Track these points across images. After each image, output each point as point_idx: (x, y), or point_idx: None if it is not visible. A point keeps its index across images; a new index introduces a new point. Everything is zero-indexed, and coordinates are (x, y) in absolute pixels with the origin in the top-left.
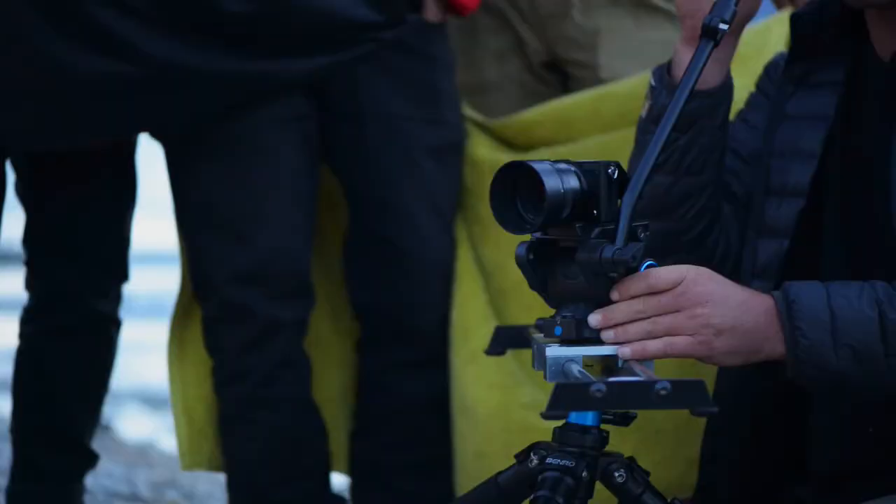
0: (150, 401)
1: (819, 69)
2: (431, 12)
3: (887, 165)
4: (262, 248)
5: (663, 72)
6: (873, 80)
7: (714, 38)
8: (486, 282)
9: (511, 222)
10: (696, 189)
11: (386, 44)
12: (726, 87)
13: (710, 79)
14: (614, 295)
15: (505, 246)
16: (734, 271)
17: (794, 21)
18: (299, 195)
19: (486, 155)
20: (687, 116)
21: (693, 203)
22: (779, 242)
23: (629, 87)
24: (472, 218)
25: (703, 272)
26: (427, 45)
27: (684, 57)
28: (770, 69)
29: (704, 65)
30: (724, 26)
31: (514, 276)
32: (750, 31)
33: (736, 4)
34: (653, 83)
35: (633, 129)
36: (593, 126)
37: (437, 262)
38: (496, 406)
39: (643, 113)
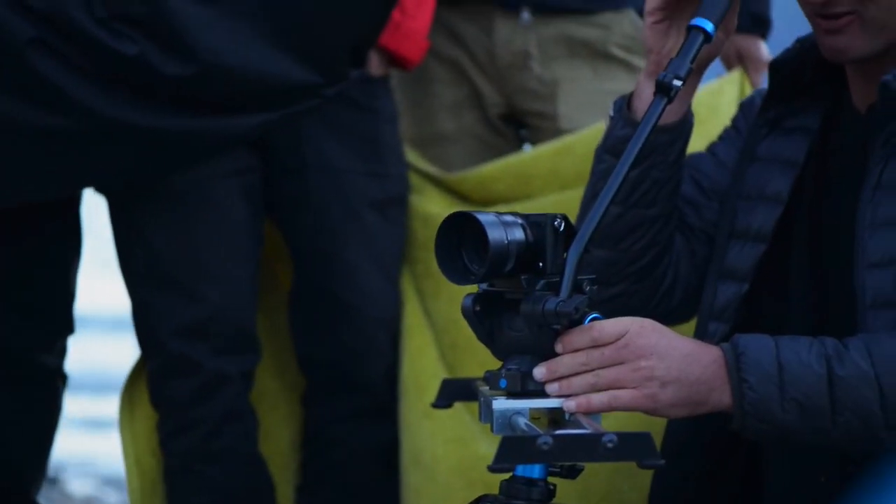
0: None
1: (794, 114)
2: (375, 66)
3: (854, 217)
4: (207, 302)
5: (623, 103)
6: (847, 130)
7: (668, 94)
8: (439, 337)
9: (455, 273)
10: (645, 221)
11: (329, 98)
12: (685, 123)
13: (668, 116)
14: (558, 347)
15: (458, 301)
16: (683, 303)
17: (773, 66)
18: (244, 249)
19: (440, 210)
20: (642, 150)
21: (642, 234)
22: (738, 286)
23: (588, 144)
24: (424, 273)
25: (648, 324)
26: (371, 99)
27: (645, 90)
28: (745, 105)
29: (658, 120)
30: (677, 83)
31: (468, 332)
32: (703, 91)
33: (692, 62)
34: (612, 113)
35: None
36: (551, 183)
37: (382, 314)
38: (457, 463)
39: (600, 141)
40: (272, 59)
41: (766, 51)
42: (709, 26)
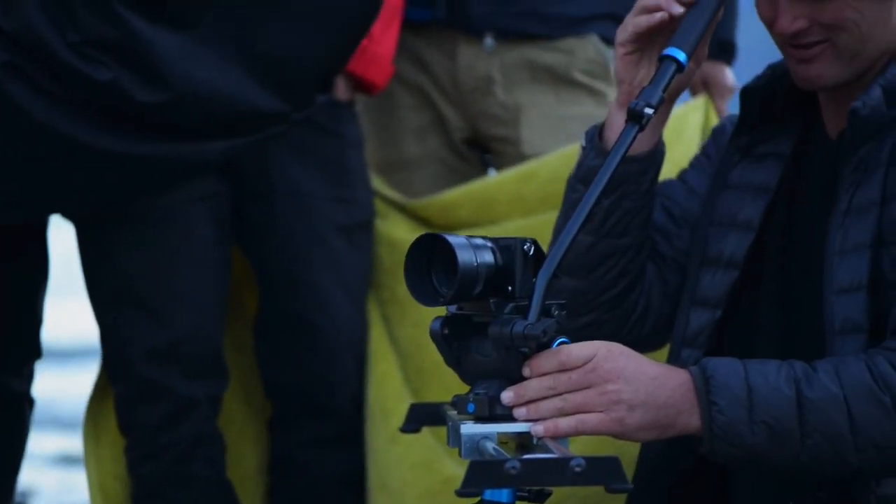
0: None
1: (765, 140)
2: (341, 91)
3: (824, 242)
4: (176, 326)
5: (595, 133)
6: (818, 156)
7: (639, 122)
8: (404, 362)
9: (424, 295)
10: (617, 251)
11: (296, 122)
12: (656, 153)
13: (639, 145)
14: (526, 371)
15: (424, 326)
16: (655, 331)
17: (744, 93)
18: (212, 273)
19: (405, 236)
20: (612, 179)
21: (613, 264)
22: (711, 313)
23: (551, 169)
24: (390, 298)
25: (615, 348)
26: (337, 124)
27: (617, 120)
28: (717, 132)
29: (629, 148)
30: (649, 111)
31: (434, 357)
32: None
33: (664, 91)
34: (583, 143)
35: (556, 213)
36: (515, 208)
37: (348, 339)
38: (424, 488)
39: (572, 171)
40: (242, 87)
41: (731, 77)
42: (681, 56)
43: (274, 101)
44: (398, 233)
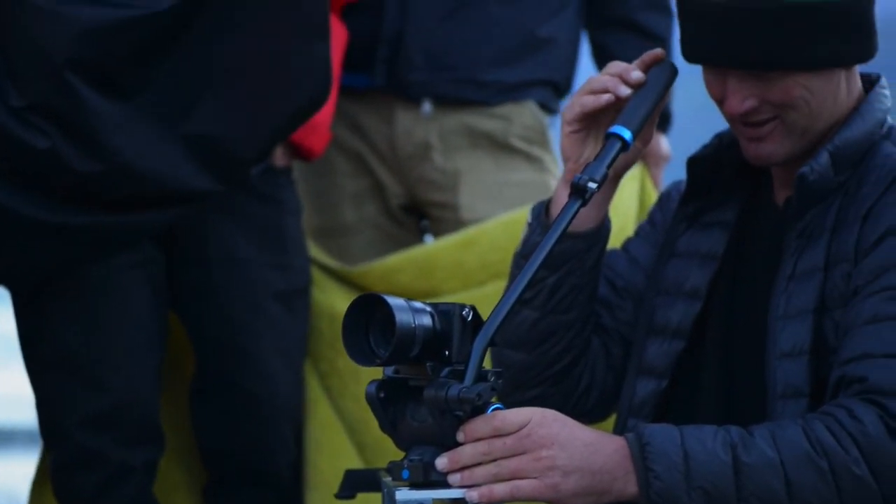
0: None
1: (712, 208)
2: (279, 158)
3: (768, 307)
4: (112, 392)
5: (541, 209)
6: (764, 222)
7: (582, 196)
8: (347, 434)
9: (360, 355)
10: (562, 326)
11: (233, 190)
12: (602, 230)
13: (585, 222)
14: (460, 437)
15: (365, 400)
16: (599, 403)
17: (691, 162)
18: (148, 339)
19: (345, 307)
20: (558, 256)
21: (559, 339)
22: (657, 382)
23: (492, 237)
24: (329, 371)
25: (549, 414)
26: (274, 190)
27: (562, 196)
28: (663, 199)
29: (570, 221)
30: (592, 185)
31: (376, 432)
32: None
33: (608, 167)
34: (529, 219)
35: (497, 282)
36: (455, 275)
37: (286, 405)
38: None
39: (518, 247)
40: (177, 164)
41: (666, 146)
42: (627, 134)
43: (207, 180)
44: (338, 305)
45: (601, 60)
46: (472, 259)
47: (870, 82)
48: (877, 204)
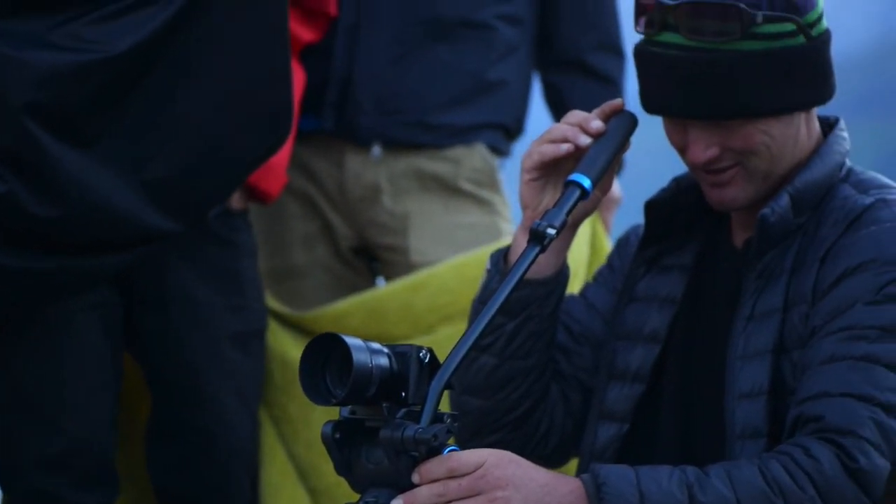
0: None
1: (671, 252)
2: (235, 200)
3: (726, 348)
4: (67, 434)
5: (500, 256)
6: (723, 265)
7: (541, 242)
8: (302, 480)
9: (317, 394)
10: (521, 372)
11: (191, 232)
12: (560, 276)
13: (543, 268)
14: (416, 478)
15: (317, 446)
16: (558, 448)
17: (649, 206)
18: (104, 382)
19: (298, 353)
20: (517, 303)
21: (517, 385)
22: (618, 426)
23: (441, 280)
24: (282, 417)
25: (505, 456)
26: (231, 232)
27: (521, 244)
28: (621, 243)
29: (529, 267)
30: (551, 231)
31: (328, 478)
32: None
33: (567, 214)
34: (488, 266)
35: (447, 326)
36: (405, 318)
37: (242, 449)
38: None
39: (476, 293)
40: (138, 208)
41: (617, 189)
42: (586, 182)
43: (170, 223)
44: (290, 351)
45: (553, 102)
46: (422, 302)
47: (828, 125)
48: (834, 245)
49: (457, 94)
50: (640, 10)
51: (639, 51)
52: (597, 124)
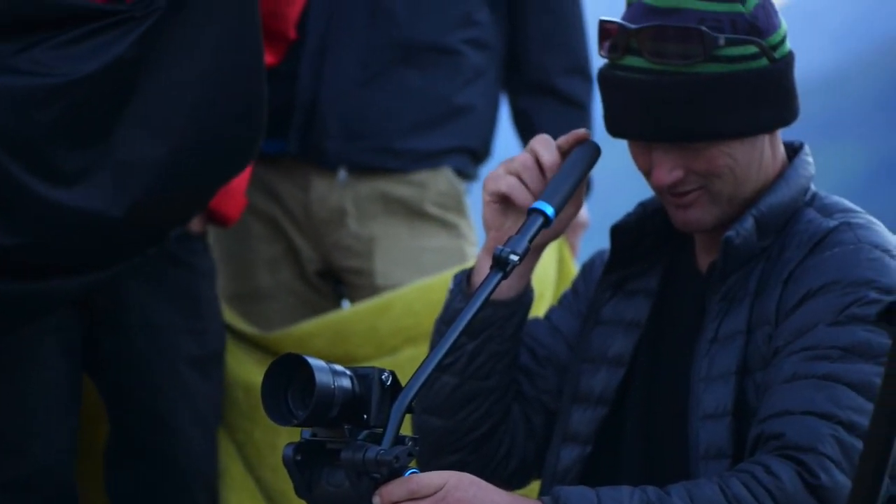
0: None
1: (636, 276)
2: (194, 223)
3: (690, 369)
4: (30, 457)
5: (463, 277)
6: (687, 288)
7: (504, 269)
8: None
9: (278, 414)
10: (481, 393)
11: (149, 254)
12: (524, 298)
13: (506, 290)
14: (377, 500)
15: (282, 471)
16: (519, 470)
17: (614, 230)
18: (63, 406)
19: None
20: (478, 323)
21: (478, 405)
22: (581, 448)
23: (406, 303)
24: (246, 441)
25: (466, 478)
26: (189, 255)
27: (484, 266)
28: (586, 267)
29: (491, 293)
30: (514, 258)
31: (296, 503)
32: None
33: (530, 241)
34: (451, 286)
35: (410, 348)
36: (369, 340)
37: (200, 472)
38: None
39: (439, 313)
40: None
41: (585, 214)
42: (549, 210)
43: (136, 235)
44: (254, 375)
45: (521, 125)
46: (386, 324)
47: (794, 150)
48: (798, 267)
49: (424, 119)
50: (603, 35)
51: (603, 75)
52: (549, 158)
